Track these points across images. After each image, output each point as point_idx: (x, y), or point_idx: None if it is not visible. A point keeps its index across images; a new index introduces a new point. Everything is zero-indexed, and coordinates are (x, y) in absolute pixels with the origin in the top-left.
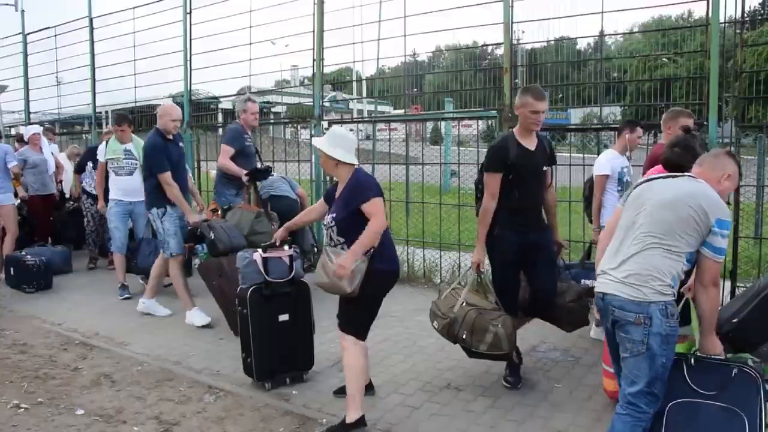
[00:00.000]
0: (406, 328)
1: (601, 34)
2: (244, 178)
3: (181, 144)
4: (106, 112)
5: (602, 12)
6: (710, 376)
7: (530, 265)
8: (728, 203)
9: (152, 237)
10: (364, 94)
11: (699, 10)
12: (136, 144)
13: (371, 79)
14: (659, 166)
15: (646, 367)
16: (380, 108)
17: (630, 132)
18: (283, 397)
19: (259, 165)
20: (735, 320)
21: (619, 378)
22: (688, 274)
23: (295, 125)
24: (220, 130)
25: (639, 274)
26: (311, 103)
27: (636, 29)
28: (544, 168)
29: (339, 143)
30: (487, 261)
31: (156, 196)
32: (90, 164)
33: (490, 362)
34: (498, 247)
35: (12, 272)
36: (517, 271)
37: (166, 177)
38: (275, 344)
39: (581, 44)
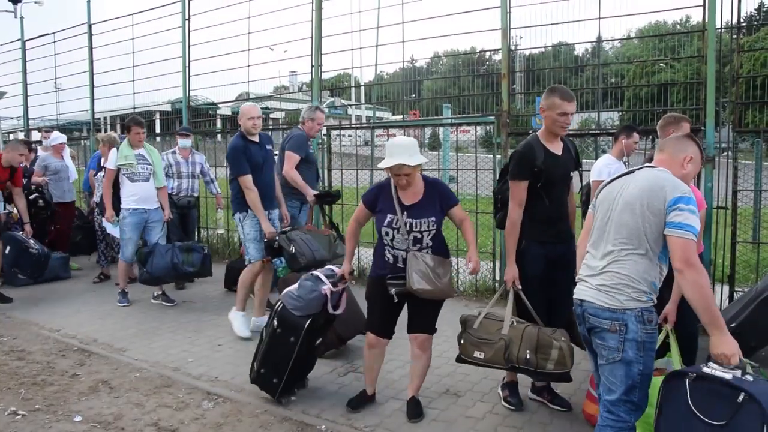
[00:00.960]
0: (404, 335)
1: (599, 40)
2: (311, 201)
3: (268, 147)
4: (104, 118)
5: (599, 18)
6: (713, 399)
7: (550, 284)
8: (726, 208)
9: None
10: (363, 100)
11: (696, 16)
12: (149, 149)
13: (369, 85)
14: None
15: (622, 375)
16: (378, 114)
17: (626, 137)
18: (282, 403)
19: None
20: (733, 324)
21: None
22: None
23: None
24: (219, 136)
25: (612, 281)
26: None
27: (633, 35)
28: (571, 173)
29: (415, 149)
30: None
31: (239, 201)
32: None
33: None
34: (522, 261)
35: (8, 251)
36: (542, 286)
37: (245, 180)
38: (305, 367)
39: (579, 50)
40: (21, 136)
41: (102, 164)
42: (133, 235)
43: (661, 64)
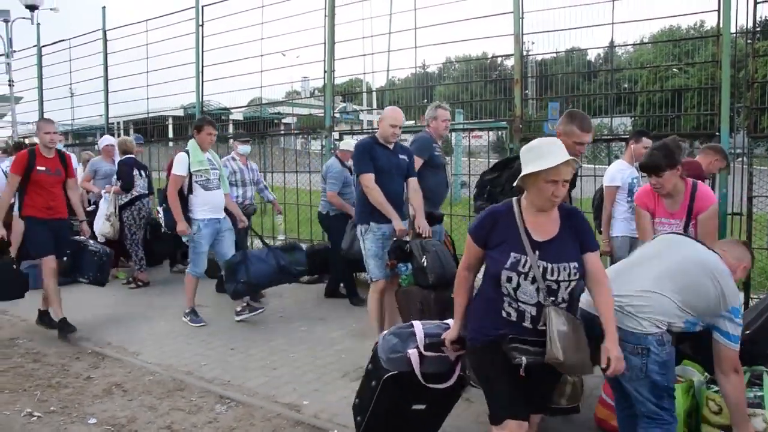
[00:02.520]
0: None
1: (612, 45)
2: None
3: (401, 156)
4: (117, 122)
5: (612, 23)
6: None
7: None
8: (741, 214)
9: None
10: (374, 105)
11: (710, 21)
12: (212, 153)
13: (381, 90)
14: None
15: (647, 392)
16: None
17: (635, 142)
18: (294, 407)
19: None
20: (747, 332)
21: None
22: (677, 339)
23: (305, 136)
24: (231, 141)
25: (643, 308)
26: (322, 114)
27: (646, 40)
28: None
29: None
30: None
31: (362, 209)
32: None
33: None
34: None
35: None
36: None
37: (366, 179)
38: (397, 426)
39: (591, 55)
40: (36, 140)
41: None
42: (208, 247)
43: (675, 70)
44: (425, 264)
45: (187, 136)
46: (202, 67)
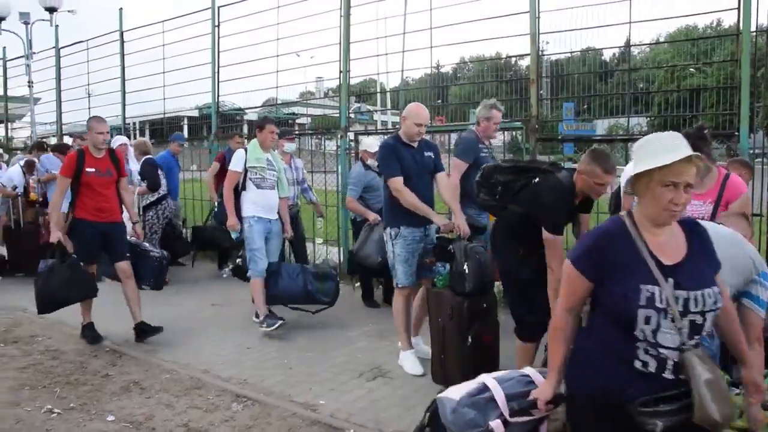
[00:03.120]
0: None
1: (629, 45)
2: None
3: (428, 153)
4: (134, 123)
5: (630, 22)
6: None
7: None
8: (761, 215)
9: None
10: (389, 106)
11: (728, 19)
12: (274, 154)
13: (395, 90)
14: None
15: None
16: None
17: None
18: (311, 407)
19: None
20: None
21: None
22: None
23: (320, 136)
24: (246, 141)
25: None
26: (336, 114)
27: (663, 39)
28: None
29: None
30: None
31: (391, 213)
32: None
33: None
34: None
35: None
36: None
37: (395, 182)
38: None
39: (606, 54)
40: (53, 141)
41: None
42: (262, 245)
43: (692, 69)
44: (466, 271)
45: (201, 136)
46: (218, 67)
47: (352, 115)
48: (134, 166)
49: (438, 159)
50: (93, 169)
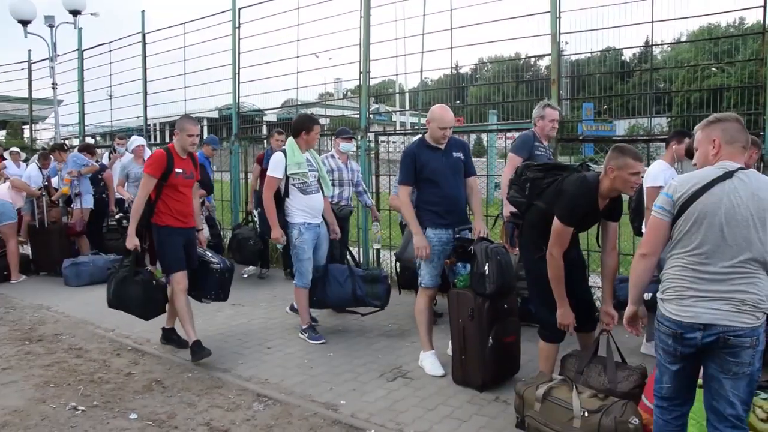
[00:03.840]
0: None
1: (650, 44)
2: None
3: (456, 154)
4: (154, 124)
5: (652, 21)
6: None
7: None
8: None
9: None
10: (407, 106)
11: (750, 18)
12: (312, 153)
13: (414, 91)
14: None
15: (745, 386)
16: (423, 120)
17: (677, 143)
18: (331, 406)
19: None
20: None
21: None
22: None
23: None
24: (265, 142)
25: (755, 300)
26: (354, 116)
27: (684, 38)
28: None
29: None
30: None
31: (417, 214)
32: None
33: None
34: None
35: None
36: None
37: (402, 191)
38: None
39: (626, 54)
40: (75, 142)
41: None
42: (311, 254)
43: (713, 68)
44: (486, 272)
45: (221, 137)
46: (239, 68)
47: (371, 116)
48: None
49: (468, 160)
50: (180, 170)
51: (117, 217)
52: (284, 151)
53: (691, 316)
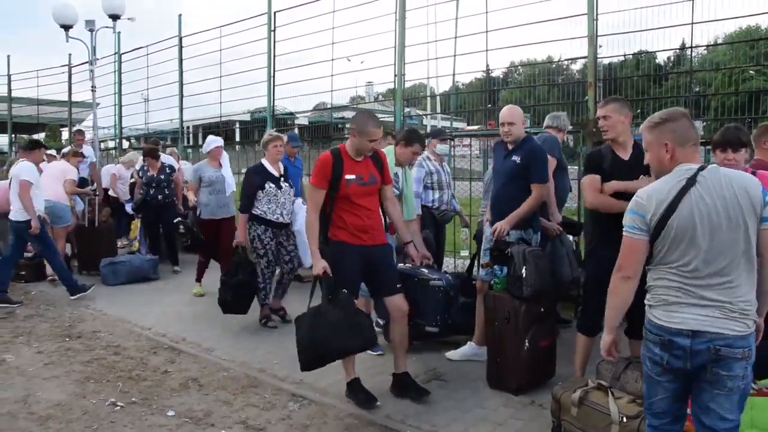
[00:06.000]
0: None
1: (689, 46)
2: (553, 226)
3: (514, 157)
4: (188, 127)
5: (692, 23)
6: None
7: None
8: None
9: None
10: (438, 110)
11: None
12: (405, 170)
13: (447, 94)
14: None
15: (738, 400)
16: (456, 124)
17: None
18: (367, 407)
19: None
20: None
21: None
22: None
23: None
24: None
25: (740, 307)
26: (386, 119)
27: (720, 40)
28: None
29: None
30: None
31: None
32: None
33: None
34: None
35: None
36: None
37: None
38: None
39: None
40: (110, 144)
41: None
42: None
43: (751, 72)
44: (524, 275)
45: (253, 140)
46: (274, 71)
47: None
48: (227, 171)
49: (527, 162)
50: (353, 176)
51: (175, 221)
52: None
53: (679, 322)
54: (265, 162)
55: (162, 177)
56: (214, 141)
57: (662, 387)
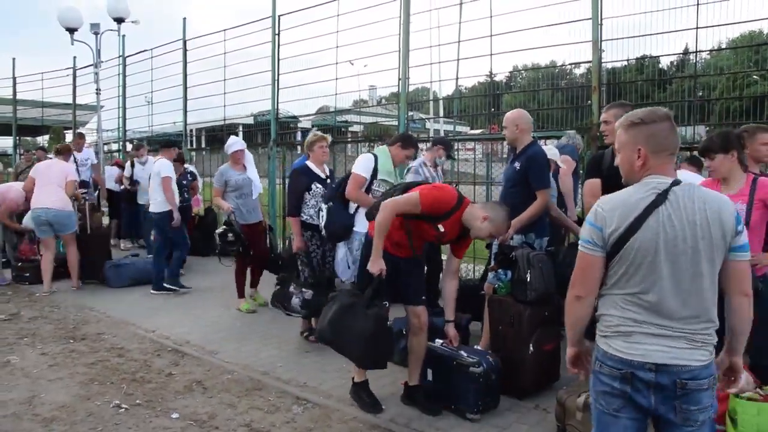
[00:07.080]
0: None
1: (693, 51)
2: (571, 226)
3: (515, 163)
4: (191, 130)
5: (696, 28)
6: None
7: None
8: None
9: None
10: (441, 114)
11: None
12: (400, 168)
13: (450, 98)
14: None
15: (708, 430)
16: (459, 128)
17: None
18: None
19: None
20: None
21: None
22: None
23: (371, 144)
24: (299, 148)
25: (703, 337)
26: (389, 123)
27: (724, 45)
28: None
29: None
30: None
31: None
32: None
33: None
34: None
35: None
36: None
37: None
38: None
39: (663, 62)
40: (114, 147)
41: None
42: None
43: (755, 76)
44: (528, 279)
45: (256, 143)
46: (278, 75)
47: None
48: (253, 173)
49: (526, 168)
50: (442, 230)
51: (221, 230)
52: (376, 156)
53: (641, 354)
54: (310, 163)
55: (184, 183)
56: (235, 143)
57: (621, 425)
